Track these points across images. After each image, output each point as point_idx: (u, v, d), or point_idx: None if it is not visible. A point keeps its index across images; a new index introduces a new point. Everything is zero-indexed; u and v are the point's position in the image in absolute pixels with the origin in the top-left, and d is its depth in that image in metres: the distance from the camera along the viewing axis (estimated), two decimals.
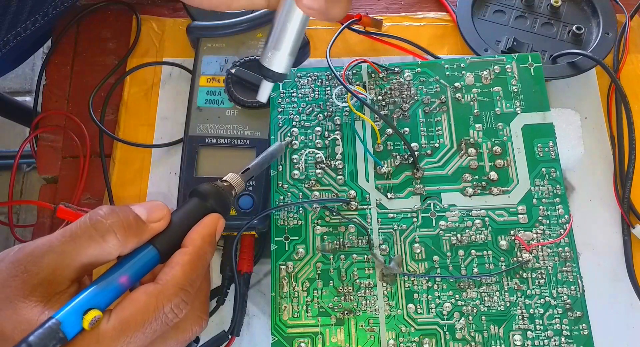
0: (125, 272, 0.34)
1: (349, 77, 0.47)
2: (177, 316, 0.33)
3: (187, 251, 0.35)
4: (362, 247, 0.42)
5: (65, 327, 0.30)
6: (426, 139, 0.44)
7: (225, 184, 0.39)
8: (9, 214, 0.54)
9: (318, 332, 0.40)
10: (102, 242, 0.33)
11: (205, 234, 0.36)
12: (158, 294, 0.33)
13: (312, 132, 0.45)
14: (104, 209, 0.34)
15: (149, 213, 0.35)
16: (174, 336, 0.34)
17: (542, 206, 0.42)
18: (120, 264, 0.34)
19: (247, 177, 0.41)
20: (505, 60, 0.46)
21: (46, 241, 0.33)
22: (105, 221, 0.33)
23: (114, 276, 0.33)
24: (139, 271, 0.34)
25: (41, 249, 0.32)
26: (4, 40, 0.57)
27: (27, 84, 1.32)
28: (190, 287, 0.34)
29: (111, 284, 0.33)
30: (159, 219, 0.36)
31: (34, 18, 0.58)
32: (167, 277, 0.33)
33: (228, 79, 0.49)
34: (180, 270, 0.34)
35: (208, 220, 0.37)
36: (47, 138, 0.55)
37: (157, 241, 0.35)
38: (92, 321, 0.31)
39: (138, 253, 0.35)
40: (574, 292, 0.40)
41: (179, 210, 0.37)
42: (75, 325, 0.31)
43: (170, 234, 0.36)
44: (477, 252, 0.41)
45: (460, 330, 0.39)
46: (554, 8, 0.56)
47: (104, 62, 0.58)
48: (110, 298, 0.33)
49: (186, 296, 0.33)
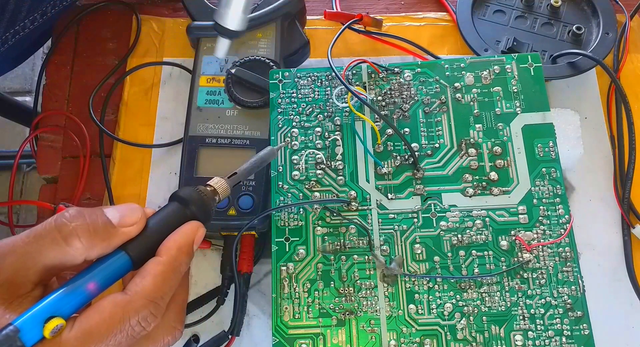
0: (93, 279, 0.32)
1: (349, 78, 0.47)
2: (144, 329, 0.32)
3: (160, 261, 0.33)
4: (363, 248, 0.42)
5: (24, 334, 0.29)
6: (426, 140, 0.44)
7: (209, 189, 0.37)
8: (9, 214, 0.54)
9: (319, 333, 0.40)
10: (64, 245, 0.32)
11: (182, 243, 0.34)
12: (125, 305, 0.31)
13: (312, 132, 0.45)
14: (70, 211, 0.33)
15: (121, 217, 0.34)
16: (144, 345, 0.33)
17: (543, 206, 0.42)
18: (89, 269, 0.33)
19: (234, 182, 0.39)
20: (505, 61, 0.46)
21: (10, 242, 0.32)
22: (70, 223, 0.32)
23: (80, 282, 0.32)
24: (108, 278, 0.33)
25: (3, 249, 0.31)
26: (2, 38, 0.57)
27: (27, 84, 1.32)
28: (161, 299, 0.33)
29: (77, 289, 0.32)
30: (131, 224, 0.34)
31: (32, 17, 0.58)
32: (137, 288, 0.32)
33: (228, 79, 0.49)
34: (151, 281, 0.32)
35: (187, 228, 0.35)
36: (47, 138, 0.55)
37: (130, 247, 0.34)
38: (53, 329, 0.29)
39: (108, 259, 0.33)
40: (574, 292, 0.40)
41: (157, 214, 0.36)
42: (36, 333, 0.29)
43: (144, 240, 0.34)
44: (477, 252, 0.41)
45: (461, 330, 0.39)
46: (554, 8, 0.56)
47: (104, 62, 0.58)
48: (75, 305, 0.31)
49: (155, 309, 0.32)
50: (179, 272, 0.34)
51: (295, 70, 0.47)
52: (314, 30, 0.57)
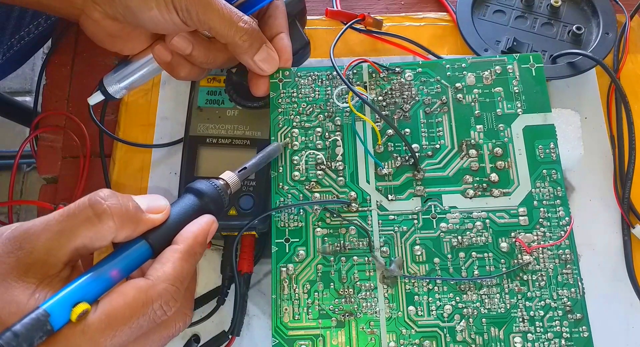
0: (116, 266, 0.33)
1: (350, 77, 0.47)
2: (165, 314, 0.33)
3: (178, 249, 0.35)
4: (363, 249, 0.42)
5: (53, 318, 0.30)
6: (427, 140, 0.44)
7: (222, 183, 0.40)
8: (9, 214, 0.54)
9: (319, 335, 0.40)
10: (98, 223, 0.33)
11: (198, 234, 0.36)
12: (148, 290, 0.32)
13: (312, 133, 0.45)
14: (105, 192, 0.34)
15: (149, 204, 0.36)
16: (158, 331, 0.34)
17: (543, 208, 0.42)
18: (112, 256, 0.34)
19: (243, 176, 0.41)
20: (507, 61, 0.46)
21: (43, 220, 0.32)
22: (104, 202, 0.33)
23: (105, 268, 0.33)
24: (130, 265, 0.34)
25: (38, 226, 0.32)
26: (7, 44, 0.57)
27: (27, 84, 1.31)
28: (181, 284, 0.34)
29: (102, 276, 0.33)
30: (158, 212, 0.36)
31: (37, 21, 0.58)
32: (158, 273, 0.33)
33: (228, 79, 0.49)
34: (171, 267, 0.34)
35: (202, 220, 0.37)
36: (47, 138, 0.55)
37: (151, 236, 0.35)
38: (80, 314, 0.30)
39: (130, 246, 0.34)
40: (574, 295, 0.40)
41: (176, 205, 0.37)
42: (63, 317, 0.30)
43: (164, 230, 0.36)
44: (477, 254, 0.41)
45: (460, 332, 0.39)
46: (554, 8, 0.56)
47: (104, 62, 0.58)
48: (99, 290, 0.32)
49: (176, 294, 0.33)
50: (195, 260, 0.36)
51: (295, 70, 0.47)
52: (314, 30, 0.57)
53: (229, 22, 0.42)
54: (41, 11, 0.56)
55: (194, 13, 0.41)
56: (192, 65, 0.45)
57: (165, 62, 0.44)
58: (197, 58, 0.44)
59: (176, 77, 0.46)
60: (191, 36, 0.43)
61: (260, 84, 0.46)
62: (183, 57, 0.44)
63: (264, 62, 0.44)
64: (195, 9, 0.40)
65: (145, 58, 0.46)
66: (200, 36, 0.44)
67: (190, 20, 0.41)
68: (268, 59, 0.44)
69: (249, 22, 0.42)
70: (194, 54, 0.44)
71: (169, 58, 0.44)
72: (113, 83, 0.47)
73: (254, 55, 0.44)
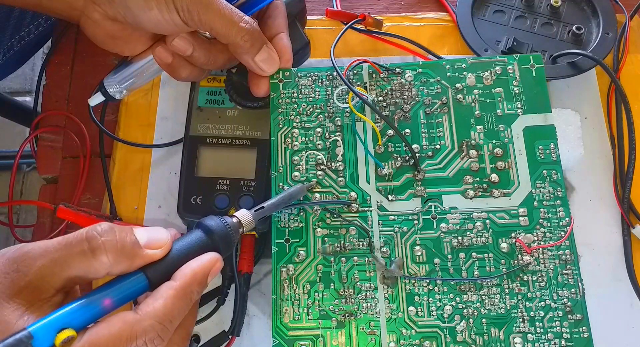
0: (109, 295, 0.33)
1: (350, 78, 0.47)
2: None
3: (174, 286, 0.34)
4: (363, 249, 0.42)
5: (36, 341, 0.30)
6: (427, 141, 0.44)
7: (234, 221, 0.39)
8: (9, 214, 0.54)
9: (319, 335, 0.40)
10: (91, 258, 0.33)
11: (198, 272, 0.36)
12: (134, 324, 0.32)
13: (312, 133, 0.45)
14: (103, 226, 0.34)
15: (149, 239, 0.35)
16: None
17: (543, 209, 0.42)
18: (107, 285, 0.34)
19: (259, 216, 0.41)
20: (507, 61, 0.46)
21: (43, 245, 0.33)
22: (100, 237, 0.33)
23: (97, 296, 0.33)
24: (124, 296, 0.34)
25: (37, 251, 0.33)
26: (8, 44, 0.57)
27: (27, 84, 1.32)
28: (170, 323, 0.34)
29: (92, 304, 0.33)
30: (157, 248, 0.36)
31: (37, 22, 0.58)
32: (148, 308, 0.33)
33: (229, 79, 0.49)
34: (162, 304, 0.33)
35: (205, 258, 0.37)
36: (47, 138, 0.55)
37: (150, 270, 0.35)
38: (64, 340, 0.30)
39: (128, 278, 0.34)
40: (574, 295, 0.40)
41: (181, 240, 0.37)
42: (47, 341, 0.30)
43: (164, 265, 0.36)
44: (477, 254, 0.41)
45: (460, 333, 0.39)
46: (554, 8, 0.56)
47: (104, 62, 0.57)
48: (88, 318, 0.33)
49: (162, 332, 0.33)
50: (190, 300, 0.35)
51: (295, 70, 0.47)
52: (314, 30, 0.57)
53: (230, 22, 0.42)
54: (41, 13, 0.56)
55: (195, 13, 0.41)
56: (192, 66, 0.45)
57: (165, 63, 0.44)
58: (197, 59, 0.44)
59: (177, 78, 0.46)
60: (191, 37, 0.43)
61: (261, 84, 0.46)
62: (184, 58, 0.44)
63: (264, 62, 0.44)
64: (196, 9, 0.40)
65: (145, 59, 0.46)
66: (201, 37, 0.44)
67: (191, 20, 0.41)
68: (269, 59, 0.44)
69: (250, 22, 0.42)
70: (195, 55, 0.44)
71: (169, 59, 0.44)
72: (113, 84, 0.47)
73: (254, 55, 0.44)
